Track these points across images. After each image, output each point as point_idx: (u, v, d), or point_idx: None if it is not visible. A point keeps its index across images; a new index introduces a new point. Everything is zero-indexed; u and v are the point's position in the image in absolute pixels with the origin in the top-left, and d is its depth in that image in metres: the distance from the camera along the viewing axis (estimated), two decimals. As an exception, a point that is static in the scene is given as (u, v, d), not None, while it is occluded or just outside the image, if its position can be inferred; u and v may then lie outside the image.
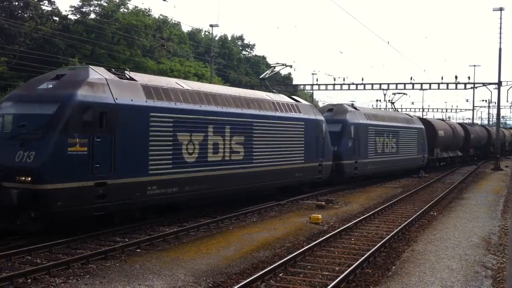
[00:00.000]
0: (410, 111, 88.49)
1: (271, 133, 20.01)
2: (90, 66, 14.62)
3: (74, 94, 12.78)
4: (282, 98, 22.86)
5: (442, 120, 51.38)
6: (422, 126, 37.31)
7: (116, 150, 13.34)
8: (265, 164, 19.54)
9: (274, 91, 24.75)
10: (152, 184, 14.46)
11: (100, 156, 12.97)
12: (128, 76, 14.63)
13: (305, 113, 22.72)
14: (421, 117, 50.70)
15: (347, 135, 26.86)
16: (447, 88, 44.89)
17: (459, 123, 53.39)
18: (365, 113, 29.56)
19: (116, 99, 13.54)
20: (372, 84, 47.03)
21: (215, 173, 16.95)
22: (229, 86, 50.05)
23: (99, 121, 13.03)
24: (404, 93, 42.38)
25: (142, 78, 15.37)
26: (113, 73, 14.38)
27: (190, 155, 15.90)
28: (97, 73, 13.73)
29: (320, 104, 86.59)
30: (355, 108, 29.17)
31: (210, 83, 48.91)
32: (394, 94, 43.30)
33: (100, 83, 13.44)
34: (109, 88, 13.55)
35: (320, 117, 24.13)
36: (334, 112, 27.94)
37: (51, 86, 13.28)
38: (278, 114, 20.72)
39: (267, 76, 27.34)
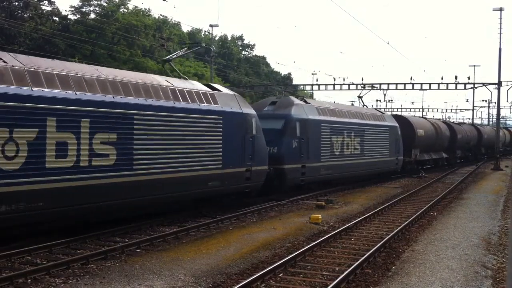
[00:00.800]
0: (410, 111, 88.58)
1: (165, 129, 15.28)
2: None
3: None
4: (190, 84, 17.73)
5: (424, 118, 46.61)
6: (396, 124, 32.52)
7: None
8: (154, 171, 14.80)
9: (185, 77, 19.14)
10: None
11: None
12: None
13: (224, 105, 17.92)
14: (399, 114, 46.30)
15: (290, 134, 22.02)
16: (447, 88, 44.95)
17: (444, 121, 49.15)
18: (318, 108, 24.84)
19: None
20: (372, 84, 47.04)
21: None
22: (229, 86, 50.00)
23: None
24: (374, 88, 38.99)
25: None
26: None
27: None
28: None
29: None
30: (305, 101, 24.90)
31: (210, 83, 48.94)
32: (363, 87, 40.18)
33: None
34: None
35: (249, 111, 19.34)
36: (277, 105, 23.05)
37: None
38: (178, 105, 15.83)
39: (173, 57, 21.38)
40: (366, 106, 35.98)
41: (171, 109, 15.53)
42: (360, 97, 36.15)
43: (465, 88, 45.77)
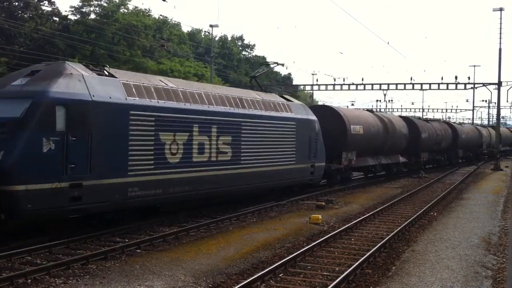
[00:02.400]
0: (410, 111, 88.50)
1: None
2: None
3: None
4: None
5: (370, 110, 34.40)
6: (311, 117, 22.97)
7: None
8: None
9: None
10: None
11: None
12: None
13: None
14: (327, 104, 36.15)
15: (37, 127, 12.27)
16: (447, 88, 44.94)
17: (401, 117, 38.89)
18: (129, 84, 14.51)
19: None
20: (372, 84, 47.07)
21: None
22: (229, 86, 50.08)
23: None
24: (276, 63, 26.09)
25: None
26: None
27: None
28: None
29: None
30: (104, 72, 14.43)
31: (210, 83, 48.97)
32: (262, 66, 31.25)
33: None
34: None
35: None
36: (34, 78, 13.26)
37: None
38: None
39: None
40: (266, 90, 24.07)
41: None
42: (253, 76, 25.28)
43: (465, 88, 45.77)
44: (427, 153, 39.57)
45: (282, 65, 27.05)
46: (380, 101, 76.31)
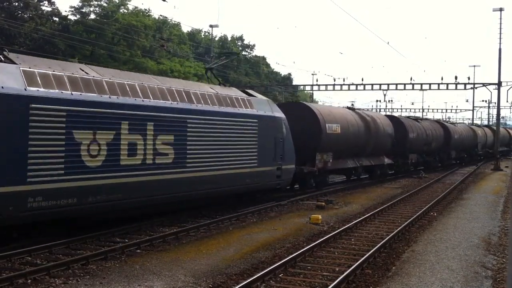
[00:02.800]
0: (410, 111, 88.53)
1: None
2: None
3: None
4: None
5: (351, 108, 31.85)
6: (278, 115, 20.79)
7: None
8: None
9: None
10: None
11: None
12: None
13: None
14: (300, 102, 31.29)
15: None
16: (447, 89, 44.96)
17: (388, 115, 37.60)
18: (31, 72, 12.22)
19: None
20: (372, 85, 47.08)
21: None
22: (228, 86, 50.08)
23: None
24: (235, 54, 26.21)
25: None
26: None
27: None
28: None
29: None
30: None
31: (210, 83, 48.94)
32: (221, 56, 29.37)
33: None
34: None
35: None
36: None
37: None
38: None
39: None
40: (224, 84, 20.96)
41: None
42: (209, 68, 22.42)
43: (465, 89, 45.81)
44: (416, 154, 36.90)
45: (238, 54, 26.48)
46: (380, 101, 76.30)
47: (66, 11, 66.57)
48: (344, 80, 49.11)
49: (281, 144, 20.43)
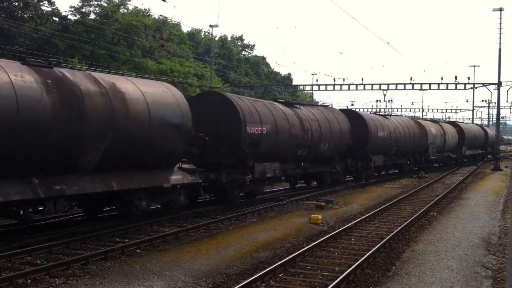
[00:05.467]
0: (410, 111, 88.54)
1: None
2: None
3: None
4: None
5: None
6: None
7: None
8: None
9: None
10: None
11: None
12: None
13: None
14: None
15: None
16: (447, 88, 45.01)
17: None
18: None
19: None
20: (372, 85, 47.09)
21: None
22: (229, 86, 49.94)
23: None
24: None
25: None
26: None
27: None
28: None
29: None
30: None
31: (210, 83, 49.00)
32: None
33: None
34: None
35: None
36: None
37: None
38: None
39: None
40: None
41: None
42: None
43: (465, 88, 45.85)
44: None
45: None
46: (380, 101, 76.14)
47: (66, 11, 66.67)
48: (344, 80, 49.17)
49: None
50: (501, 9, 44.20)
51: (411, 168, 37.02)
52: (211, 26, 51.85)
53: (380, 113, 37.13)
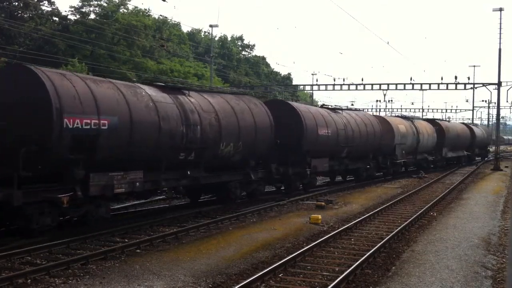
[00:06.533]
0: (410, 111, 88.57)
1: None
2: None
3: None
4: None
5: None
6: None
7: None
8: None
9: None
10: None
11: None
12: None
13: None
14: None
15: None
16: (447, 89, 44.92)
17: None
18: None
19: None
20: (372, 85, 47.06)
21: None
22: (229, 86, 50.08)
23: None
24: None
25: None
26: None
27: None
28: None
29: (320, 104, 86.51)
30: None
31: (210, 83, 48.99)
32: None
33: None
34: None
35: None
36: None
37: None
38: None
39: None
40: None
41: None
42: None
43: (465, 89, 45.76)
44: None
45: None
46: (380, 101, 76.09)
47: (66, 11, 66.74)
48: (344, 80, 49.08)
49: None
50: (501, 9, 44.17)
51: (372, 174, 30.20)
52: (211, 26, 51.77)
53: (329, 106, 28.62)
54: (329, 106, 28.52)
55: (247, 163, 19.60)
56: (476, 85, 48.74)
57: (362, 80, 47.75)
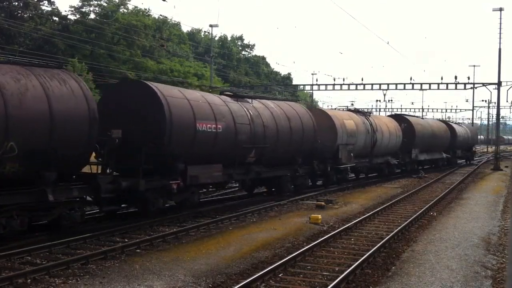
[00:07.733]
0: (410, 111, 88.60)
1: None
2: None
3: None
4: None
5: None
6: None
7: None
8: None
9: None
10: None
11: None
12: None
13: None
14: None
15: None
16: (447, 88, 44.89)
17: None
18: None
19: None
20: (372, 84, 47.05)
21: None
22: (229, 86, 50.11)
23: None
24: None
25: None
26: None
27: None
28: None
29: (320, 104, 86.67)
30: None
31: (209, 83, 48.99)
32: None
33: None
34: None
35: None
36: None
37: None
38: None
39: None
40: None
41: None
42: None
43: (465, 88, 45.75)
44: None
45: None
46: (380, 101, 76.08)
47: (66, 10, 66.71)
48: (344, 80, 49.17)
49: None
50: (501, 9, 44.16)
51: (303, 183, 23.67)
52: (211, 26, 51.77)
53: (228, 92, 22.72)
54: (230, 94, 21.39)
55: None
56: (476, 85, 48.73)
57: (362, 80, 47.73)
